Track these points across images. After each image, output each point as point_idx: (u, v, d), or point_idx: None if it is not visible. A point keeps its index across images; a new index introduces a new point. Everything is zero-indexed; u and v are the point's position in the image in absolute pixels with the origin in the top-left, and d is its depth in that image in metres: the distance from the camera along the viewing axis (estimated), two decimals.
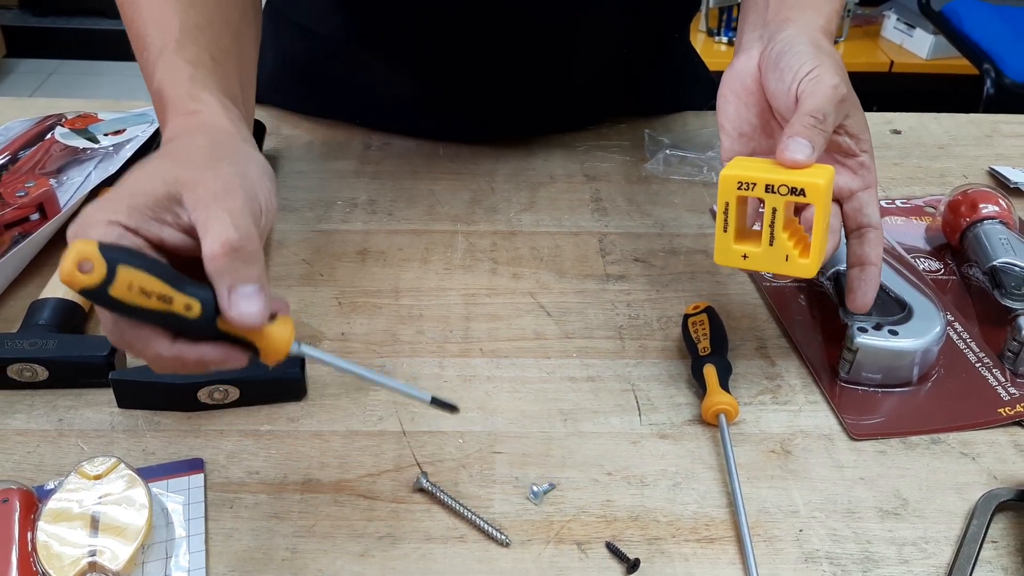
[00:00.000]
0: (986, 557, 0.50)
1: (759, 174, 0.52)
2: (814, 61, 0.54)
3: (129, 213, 0.41)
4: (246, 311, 0.41)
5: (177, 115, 0.50)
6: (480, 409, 0.59)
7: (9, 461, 0.54)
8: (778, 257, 0.53)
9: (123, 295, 0.39)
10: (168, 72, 0.52)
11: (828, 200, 0.52)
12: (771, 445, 0.57)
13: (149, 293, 0.40)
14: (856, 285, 0.57)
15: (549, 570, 0.49)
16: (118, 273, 0.39)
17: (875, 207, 0.57)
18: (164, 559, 0.49)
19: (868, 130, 0.57)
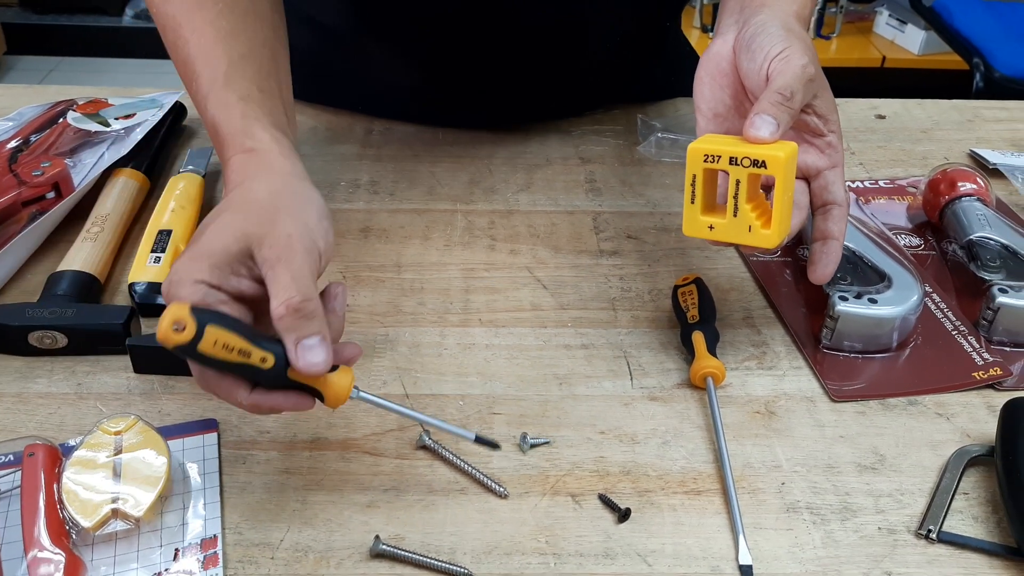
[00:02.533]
0: (957, 507, 0.53)
1: (724, 147, 0.54)
2: (785, 42, 0.56)
3: (211, 272, 0.47)
4: (312, 361, 0.46)
5: (235, 152, 0.55)
6: (479, 375, 0.62)
7: (32, 421, 0.57)
8: (742, 228, 0.56)
9: (209, 350, 0.45)
10: (221, 109, 0.57)
11: (789, 173, 0.54)
12: (756, 407, 0.60)
13: (231, 348, 0.45)
14: (818, 258, 0.60)
15: (545, 519, 0.52)
16: (206, 332, 0.45)
17: (840, 185, 0.60)
18: (182, 509, 0.52)
19: (836, 111, 0.60)
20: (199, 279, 0.47)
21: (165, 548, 0.49)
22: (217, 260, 0.47)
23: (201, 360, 0.46)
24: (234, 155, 0.55)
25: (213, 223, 0.50)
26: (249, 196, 0.52)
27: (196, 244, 0.49)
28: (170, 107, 0.85)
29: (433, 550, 0.50)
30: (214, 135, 0.58)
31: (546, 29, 0.82)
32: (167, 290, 0.47)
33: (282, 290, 0.46)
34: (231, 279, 0.48)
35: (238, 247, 0.48)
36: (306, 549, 0.50)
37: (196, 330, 0.44)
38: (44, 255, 0.71)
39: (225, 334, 0.45)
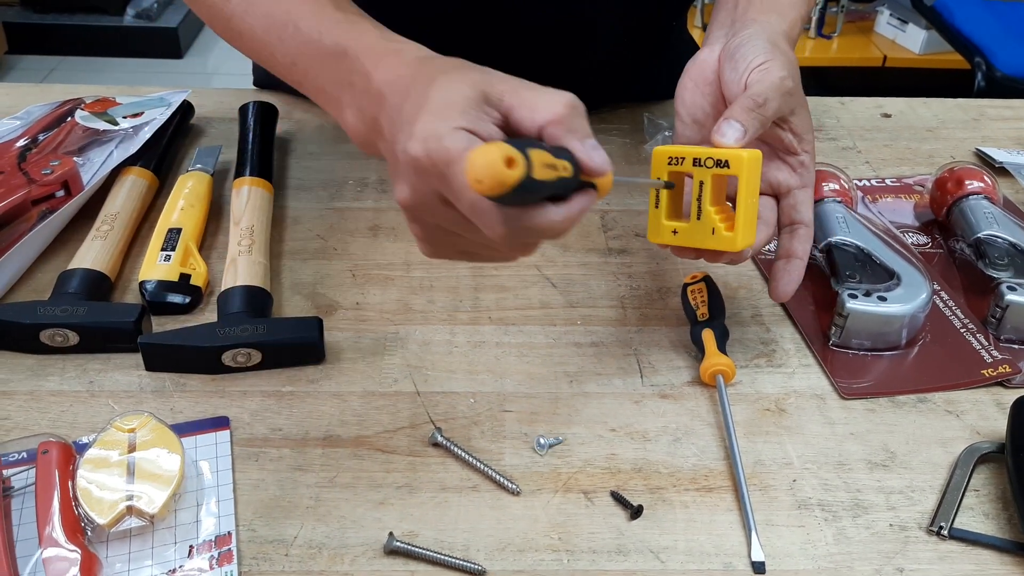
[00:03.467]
0: (968, 504, 0.54)
1: (689, 150, 0.55)
2: (767, 55, 0.57)
3: (464, 117, 0.44)
4: (602, 158, 0.46)
5: (381, 57, 0.52)
6: (490, 372, 0.62)
7: (45, 419, 0.57)
8: (705, 231, 0.55)
9: (540, 175, 0.41)
10: (347, 27, 0.55)
11: (753, 173, 0.54)
12: (766, 404, 0.60)
13: (549, 165, 0.42)
14: (779, 276, 0.60)
15: (557, 516, 0.52)
16: (531, 157, 0.41)
17: (808, 206, 0.60)
18: (195, 507, 0.52)
19: (812, 132, 0.60)
20: (457, 126, 0.44)
21: (179, 545, 0.50)
22: (463, 106, 0.45)
23: (533, 190, 0.42)
24: (380, 60, 0.51)
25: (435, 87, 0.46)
26: (441, 65, 0.49)
27: (427, 105, 0.45)
28: (178, 105, 0.85)
29: (447, 547, 0.50)
30: (338, 57, 0.54)
31: (548, 29, 0.82)
32: (426, 150, 0.44)
33: (548, 96, 0.45)
34: (481, 124, 0.45)
35: (473, 92, 0.46)
36: (320, 546, 0.50)
37: (525, 159, 0.40)
38: (54, 253, 0.71)
39: (541, 153, 0.41)
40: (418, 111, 0.45)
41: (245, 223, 0.70)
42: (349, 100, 0.53)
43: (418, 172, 0.45)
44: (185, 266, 0.68)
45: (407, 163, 0.46)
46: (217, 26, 0.63)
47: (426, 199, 0.47)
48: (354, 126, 0.54)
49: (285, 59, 0.58)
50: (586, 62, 0.87)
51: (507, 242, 0.45)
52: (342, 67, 0.53)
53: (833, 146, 0.90)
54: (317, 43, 0.55)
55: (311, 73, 0.57)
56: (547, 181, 0.42)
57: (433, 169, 0.44)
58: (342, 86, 0.54)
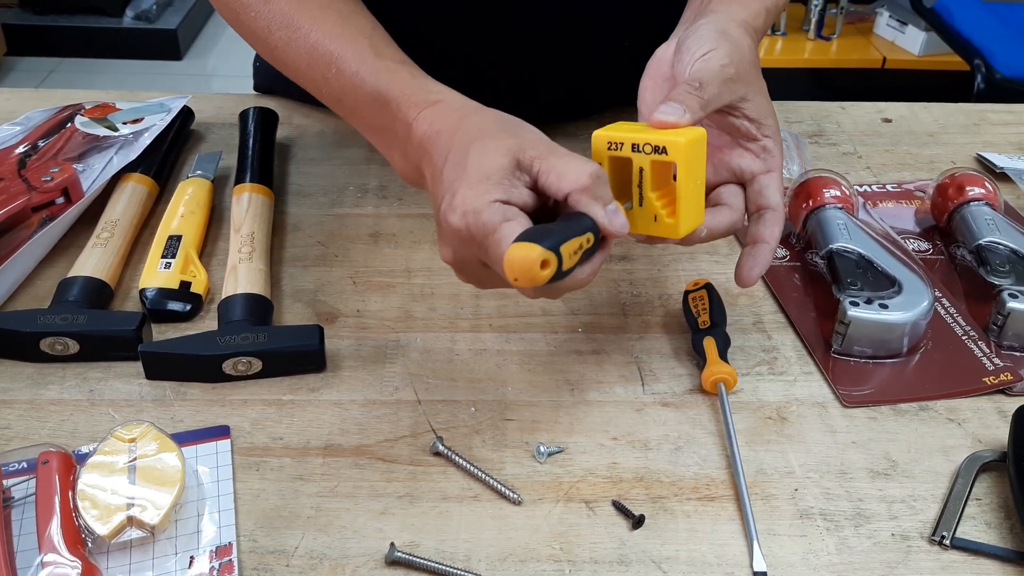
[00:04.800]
0: (970, 513, 0.54)
1: (628, 134, 0.53)
2: (712, 44, 0.56)
3: (499, 190, 0.49)
4: (622, 222, 0.50)
5: (422, 108, 0.55)
6: (491, 380, 0.62)
7: (45, 428, 0.57)
8: (648, 217, 0.54)
9: (569, 264, 0.47)
10: (386, 76, 0.57)
11: (691, 158, 0.52)
12: (768, 412, 0.60)
13: (576, 250, 0.47)
14: (744, 260, 0.59)
15: (559, 526, 0.52)
16: (562, 253, 0.46)
17: (775, 190, 0.59)
18: (196, 517, 0.52)
19: (773, 116, 0.59)
20: (494, 199, 0.48)
21: (180, 556, 0.49)
22: (498, 178, 0.49)
23: (561, 278, 0.47)
24: (421, 111, 0.55)
25: (472, 154, 0.50)
26: (478, 125, 0.53)
27: (465, 176, 0.49)
28: (178, 111, 0.85)
29: (448, 557, 0.50)
30: (380, 104, 0.57)
31: (550, 27, 0.82)
32: (466, 224, 0.48)
33: (574, 165, 0.49)
34: (514, 192, 0.49)
35: (507, 160, 0.49)
36: (321, 556, 0.50)
37: (557, 258, 0.45)
38: (54, 261, 0.71)
39: (569, 243, 0.46)
40: (457, 180, 0.50)
41: (245, 230, 0.70)
42: (395, 144, 0.57)
43: (461, 240, 0.50)
44: (185, 273, 0.68)
45: (449, 231, 0.50)
46: (264, 54, 0.65)
47: (467, 261, 0.52)
48: (401, 167, 0.58)
49: (331, 96, 0.61)
50: (588, 60, 0.87)
51: (539, 297, 0.52)
52: (385, 114, 0.57)
53: (834, 151, 0.90)
54: (360, 88, 0.58)
55: (358, 113, 0.60)
56: (575, 266, 0.48)
57: (472, 241, 0.49)
58: (387, 131, 0.58)
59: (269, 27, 0.62)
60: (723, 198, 0.59)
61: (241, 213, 0.72)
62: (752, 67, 0.58)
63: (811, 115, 0.96)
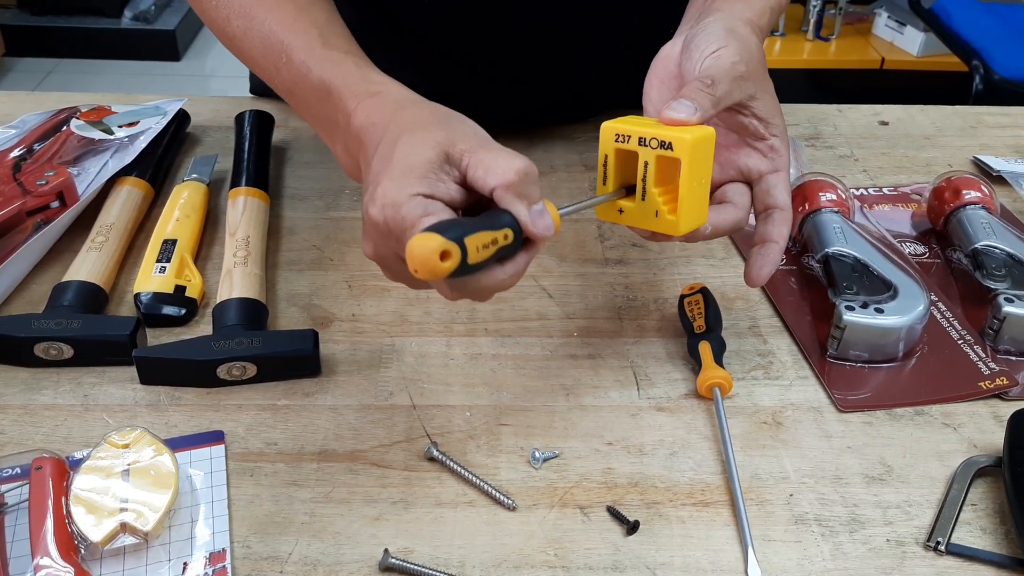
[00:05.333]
0: (966, 519, 0.53)
1: (636, 127, 0.52)
2: (721, 42, 0.56)
3: (421, 183, 0.47)
4: (545, 223, 0.48)
5: (362, 99, 0.54)
6: (486, 385, 0.62)
7: (39, 433, 0.57)
8: (649, 212, 0.54)
9: (476, 258, 0.44)
10: (331, 67, 0.57)
11: (696, 156, 0.52)
12: (763, 417, 0.60)
13: (487, 244, 0.45)
14: (754, 260, 0.59)
15: (553, 531, 0.52)
16: (467, 245, 0.43)
17: (783, 189, 0.59)
18: (190, 523, 0.52)
19: (781, 116, 0.59)
20: (415, 192, 0.46)
21: (174, 562, 0.49)
22: (422, 171, 0.47)
23: (468, 272, 0.45)
24: (361, 102, 0.54)
25: (400, 146, 0.49)
26: (411, 118, 0.51)
27: (390, 168, 0.48)
28: (174, 114, 0.85)
29: (442, 563, 0.50)
30: (324, 94, 0.56)
31: (550, 28, 0.82)
32: (384, 218, 0.47)
33: (503, 161, 0.47)
34: (439, 186, 0.48)
35: (434, 154, 0.48)
36: (315, 563, 0.50)
37: (460, 249, 0.43)
38: (49, 265, 0.71)
39: (478, 236, 0.44)
40: (382, 173, 0.48)
41: (241, 234, 0.70)
42: (337, 136, 0.56)
43: (380, 235, 0.48)
44: (180, 278, 0.67)
45: (370, 224, 0.48)
46: (224, 44, 0.65)
47: (387, 257, 0.50)
48: (343, 160, 0.57)
49: (283, 86, 0.60)
50: (588, 60, 0.87)
51: (460, 298, 0.49)
52: (327, 104, 0.56)
53: (830, 154, 0.90)
54: (306, 78, 0.57)
55: (305, 104, 0.59)
56: (484, 260, 0.45)
57: (390, 235, 0.47)
58: (331, 122, 0.57)
59: (228, 16, 0.62)
60: (728, 196, 0.58)
61: (236, 217, 0.72)
62: (760, 65, 0.58)
63: (808, 118, 0.96)
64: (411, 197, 0.46)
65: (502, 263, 0.47)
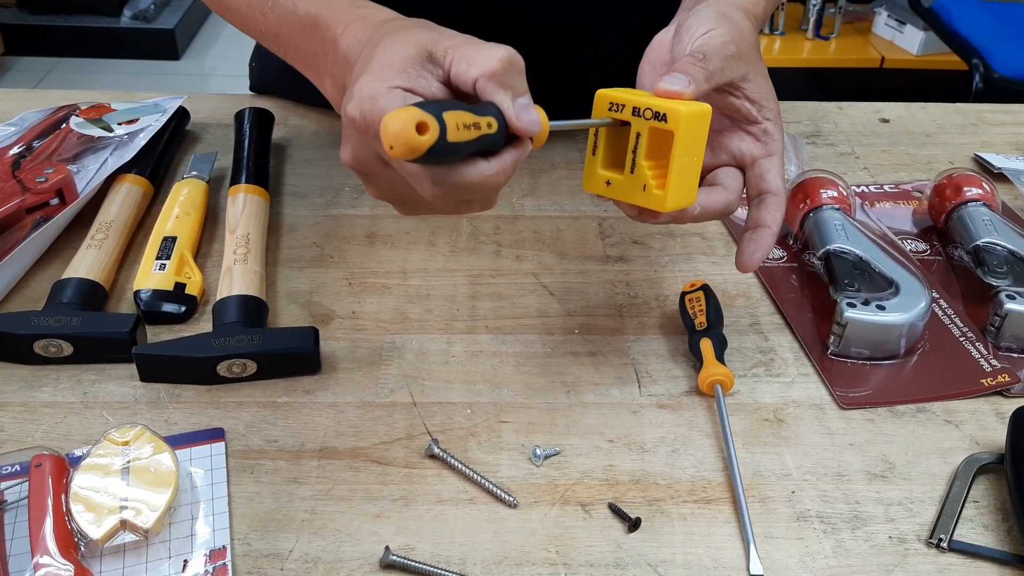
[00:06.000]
0: (968, 515, 0.53)
1: (632, 97, 0.51)
2: (712, 24, 0.55)
3: (401, 77, 0.45)
4: (531, 118, 0.45)
5: (349, 24, 0.53)
6: (487, 382, 0.62)
7: (38, 431, 0.57)
8: (636, 186, 0.52)
9: (456, 137, 0.41)
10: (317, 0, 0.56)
11: (690, 130, 0.51)
12: (764, 414, 0.60)
13: (468, 125, 0.42)
14: (745, 245, 0.58)
15: (555, 529, 0.52)
16: (445, 119, 0.41)
17: (776, 174, 0.57)
18: (190, 520, 0.51)
19: (775, 99, 0.58)
20: (393, 85, 0.44)
21: (174, 559, 0.49)
22: (402, 65, 0.46)
23: (450, 152, 0.42)
24: (348, 26, 0.53)
25: (381, 46, 0.47)
26: (396, 26, 0.50)
27: (371, 64, 0.46)
28: (173, 112, 0.85)
29: (443, 560, 0.50)
30: (311, 28, 0.55)
31: (551, 27, 0.82)
32: (361, 111, 0.44)
33: (489, 51, 0.45)
34: (420, 82, 0.46)
35: (416, 51, 0.46)
36: (316, 560, 0.50)
37: (439, 123, 0.40)
38: (48, 262, 0.71)
39: (458, 114, 0.41)
40: (360, 72, 0.46)
41: (241, 231, 0.70)
42: (325, 70, 0.55)
43: (358, 132, 0.46)
44: (180, 275, 0.67)
45: (347, 123, 0.46)
46: (211, 4, 0.65)
47: (367, 160, 0.48)
48: (332, 94, 0.55)
49: (269, 32, 0.60)
50: (588, 60, 0.87)
51: (441, 200, 0.46)
52: (315, 37, 0.55)
53: (831, 152, 0.90)
54: (292, 15, 0.57)
55: (292, 44, 0.58)
56: (466, 142, 0.42)
57: (368, 130, 0.45)
58: (318, 56, 0.55)
59: None
60: (719, 179, 0.57)
61: (236, 214, 0.72)
62: (752, 48, 0.57)
63: (808, 115, 0.96)
64: (389, 90, 0.44)
65: (487, 158, 0.45)
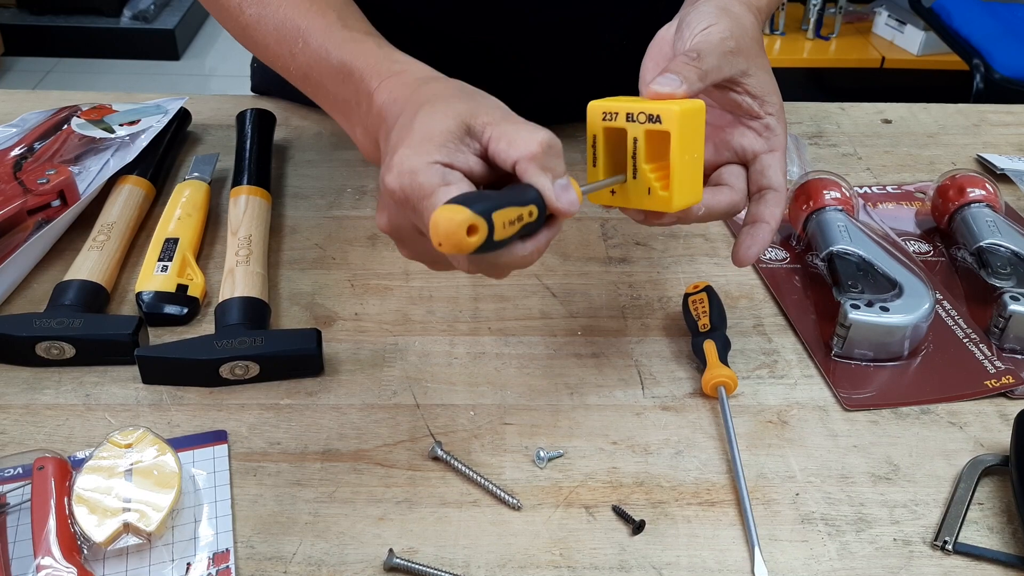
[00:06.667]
0: (973, 518, 0.53)
1: (624, 104, 0.51)
2: (711, 19, 0.55)
3: (440, 151, 0.46)
4: (570, 199, 0.46)
5: (384, 78, 0.53)
6: (490, 384, 0.62)
7: (40, 433, 0.57)
8: (641, 190, 0.52)
9: (502, 234, 0.43)
10: (351, 46, 0.56)
11: (686, 128, 0.50)
12: (768, 416, 0.60)
13: (512, 221, 0.43)
14: (742, 240, 0.57)
15: (559, 531, 0.52)
16: (494, 220, 0.42)
17: (778, 170, 0.57)
18: (193, 523, 0.51)
19: (777, 94, 0.57)
20: (433, 160, 0.45)
21: (177, 562, 0.49)
22: (442, 140, 0.46)
23: (494, 248, 0.43)
24: (383, 81, 0.53)
25: (420, 117, 0.48)
26: (434, 91, 0.50)
27: (409, 137, 0.46)
28: (175, 113, 0.84)
29: (447, 563, 0.50)
30: (344, 76, 0.56)
31: (551, 27, 0.82)
32: (400, 185, 0.45)
33: (526, 133, 0.46)
34: (459, 156, 0.46)
35: (455, 124, 0.47)
36: (319, 563, 0.50)
37: (487, 225, 0.41)
38: (50, 264, 0.71)
39: (505, 212, 0.43)
40: (400, 142, 0.47)
41: (243, 233, 0.70)
42: (357, 119, 0.55)
43: (396, 203, 0.47)
44: (182, 277, 0.67)
45: (386, 194, 0.47)
46: (235, 35, 0.65)
47: (402, 227, 0.49)
48: (362, 143, 0.56)
49: (298, 72, 0.60)
50: (590, 59, 0.87)
51: (475, 272, 0.48)
52: (348, 86, 0.55)
53: (834, 152, 0.90)
54: (325, 61, 0.57)
55: (323, 88, 0.58)
56: (509, 237, 0.44)
57: (407, 203, 0.46)
58: (350, 104, 0.56)
59: (240, 5, 0.61)
60: (724, 178, 0.57)
61: (238, 216, 0.72)
62: (754, 43, 0.57)
63: (811, 116, 0.96)
64: (429, 164, 0.45)
65: (523, 240, 0.46)
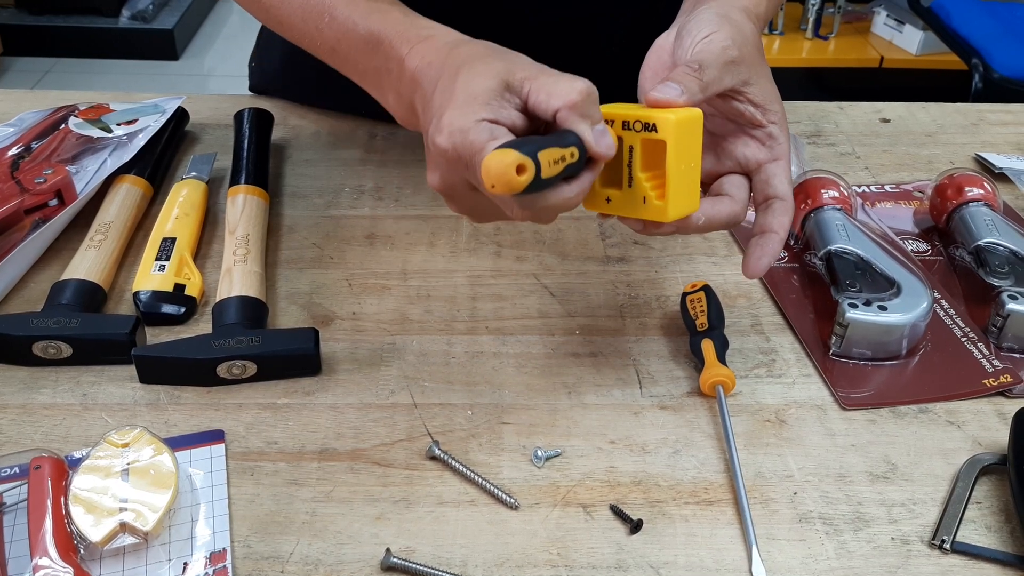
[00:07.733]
0: (971, 517, 0.53)
1: (620, 112, 0.51)
2: (713, 27, 0.55)
3: (487, 109, 0.48)
4: (608, 143, 0.49)
5: (413, 44, 0.55)
6: (488, 383, 0.62)
7: (37, 433, 0.57)
8: (636, 199, 0.52)
9: (548, 173, 0.45)
10: (378, 17, 0.58)
11: (682, 137, 0.50)
12: (766, 415, 0.60)
13: (557, 161, 0.46)
14: (752, 251, 0.57)
15: (556, 531, 0.52)
16: (540, 159, 0.44)
17: (783, 179, 0.57)
18: (190, 522, 0.51)
19: (780, 103, 0.57)
20: (480, 118, 0.47)
21: (174, 562, 0.49)
22: (486, 98, 0.48)
23: (541, 187, 0.46)
24: (413, 46, 0.55)
25: (461, 78, 0.50)
26: (468, 53, 0.52)
27: (454, 98, 0.49)
28: (172, 112, 0.84)
29: (444, 563, 0.50)
30: (373, 46, 0.57)
31: (553, 25, 0.81)
32: (452, 143, 0.47)
33: (565, 83, 0.48)
34: (503, 112, 0.49)
35: (496, 82, 0.49)
36: (316, 562, 0.50)
37: (534, 163, 0.44)
38: (47, 264, 0.71)
39: (549, 152, 0.45)
40: (445, 104, 0.49)
41: (240, 232, 0.70)
42: (388, 85, 0.57)
43: (448, 162, 0.49)
44: (180, 276, 0.67)
45: (437, 153, 0.49)
46: (258, 15, 0.66)
47: (456, 186, 0.51)
48: (396, 108, 0.58)
49: (325, 46, 0.61)
50: (590, 59, 0.86)
51: (527, 218, 0.50)
52: (378, 54, 0.57)
53: (832, 152, 0.90)
54: (352, 32, 0.58)
55: (351, 59, 0.60)
56: (555, 176, 0.46)
57: (459, 161, 0.48)
58: (380, 72, 0.57)
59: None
60: (725, 188, 0.57)
61: (236, 215, 0.72)
62: (755, 51, 0.56)
63: (809, 115, 0.96)
64: (477, 123, 0.47)
65: (568, 181, 0.48)
